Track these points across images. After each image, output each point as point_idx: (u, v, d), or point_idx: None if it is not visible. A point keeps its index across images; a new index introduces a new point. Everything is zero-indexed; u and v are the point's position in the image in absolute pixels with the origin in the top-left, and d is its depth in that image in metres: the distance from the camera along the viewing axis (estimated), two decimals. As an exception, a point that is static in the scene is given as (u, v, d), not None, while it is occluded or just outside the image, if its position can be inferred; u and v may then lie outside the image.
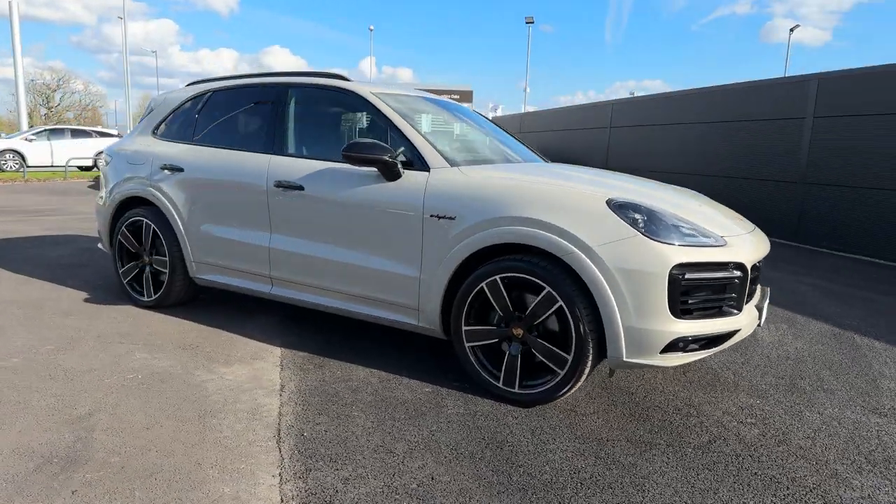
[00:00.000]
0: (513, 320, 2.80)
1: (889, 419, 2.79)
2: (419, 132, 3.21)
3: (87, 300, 4.27)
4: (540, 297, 2.69)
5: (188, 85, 4.40)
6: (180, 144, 4.02)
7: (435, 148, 3.15)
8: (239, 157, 3.69)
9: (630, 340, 2.54)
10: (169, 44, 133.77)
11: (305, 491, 2.07)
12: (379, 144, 3.05)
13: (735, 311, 2.68)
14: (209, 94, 4.07)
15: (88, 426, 2.45)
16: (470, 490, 2.11)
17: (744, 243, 2.78)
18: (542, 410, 2.76)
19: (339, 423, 2.56)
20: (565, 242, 2.61)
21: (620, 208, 2.64)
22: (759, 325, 2.93)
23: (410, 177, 3.07)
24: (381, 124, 3.35)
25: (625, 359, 2.57)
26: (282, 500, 2.02)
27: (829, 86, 7.76)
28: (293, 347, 3.46)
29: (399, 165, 3.07)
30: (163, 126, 4.23)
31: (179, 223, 3.86)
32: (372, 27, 69.22)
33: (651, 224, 2.60)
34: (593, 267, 2.55)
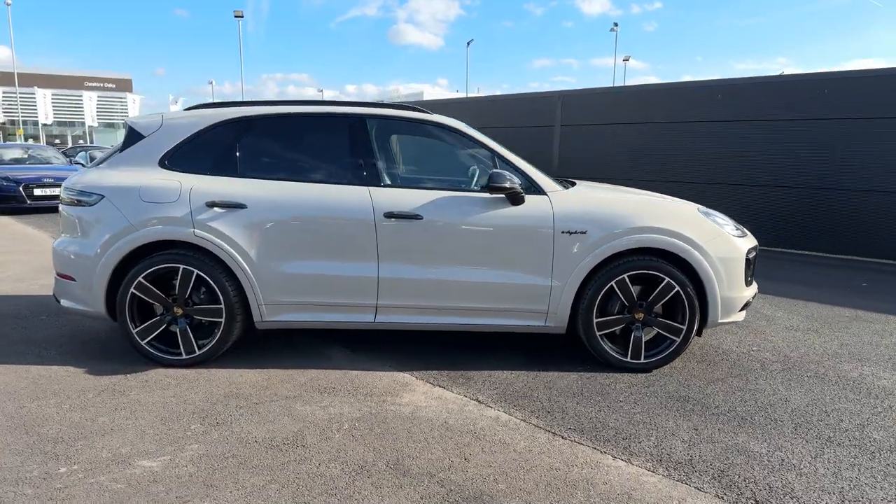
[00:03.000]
0: (635, 307, 3.62)
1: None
2: (525, 161, 3.71)
3: (113, 372, 3.45)
4: (661, 286, 3.56)
5: (191, 109, 3.83)
6: (227, 178, 3.57)
7: (543, 174, 3.70)
8: (325, 191, 3.55)
9: (724, 306, 3.63)
10: None
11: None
12: (509, 175, 3.47)
13: (754, 282, 3.98)
14: (244, 122, 3.68)
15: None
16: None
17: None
18: (638, 375, 3.67)
19: (609, 410, 3.03)
20: (682, 243, 3.54)
21: (707, 214, 3.69)
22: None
23: (533, 200, 3.57)
24: (485, 156, 3.72)
25: (720, 320, 3.65)
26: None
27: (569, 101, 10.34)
28: (416, 369, 3.60)
29: (523, 192, 3.54)
30: (176, 156, 3.63)
31: (245, 264, 3.48)
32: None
33: (725, 223, 3.72)
34: (702, 259, 3.55)
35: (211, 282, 3.50)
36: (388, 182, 3.64)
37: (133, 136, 3.71)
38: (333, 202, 3.53)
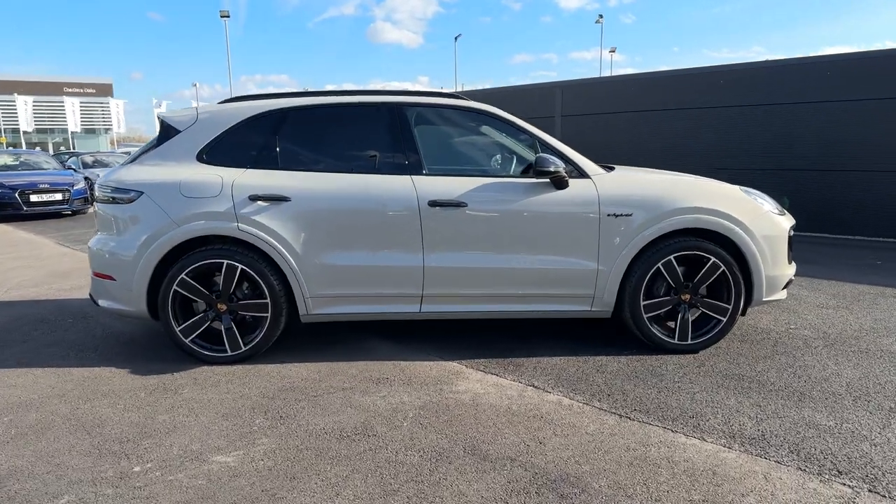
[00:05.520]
0: (681, 289, 3.62)
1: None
2: (566, 145, 3.69)
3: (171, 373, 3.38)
4: (707, 266, 3.57)
5: (224, 102, 3.76)
6: (268, 171, 3.51)
7: (585, 158, 3.69)
8: (368, 181, 3.51)
9: (768, 285, 3.64)
10: None
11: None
12: (554, 159, 3.46)
13: (794, 261, 3.98)
14: (282, 113, 3.62)
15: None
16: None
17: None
18: (686, 357, 3.68)
19: (675, 392, 3.02)
20: (728, 223, 3.54)
21: (749, 193, 3.71)
22: None
23: (576, 184, 3.56)
24: (526, 141, 3.70)
25: (764, 298, 3.67)
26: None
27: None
28: (464, 358, 3.58)
29: (567, 176, 3.53)
30: (214, 150, 3.56)
31: (290, 258, 3.44)
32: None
33: (765, 202, 3.74)
34: (747, 238, 3.56)
35: (256, 276, 3.45)
36: (431, 170, 3.61)
37: (168, 132, 3.64)
38: (377, 192, 3.50)
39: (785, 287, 3.78)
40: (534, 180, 3.53)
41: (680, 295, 3.63)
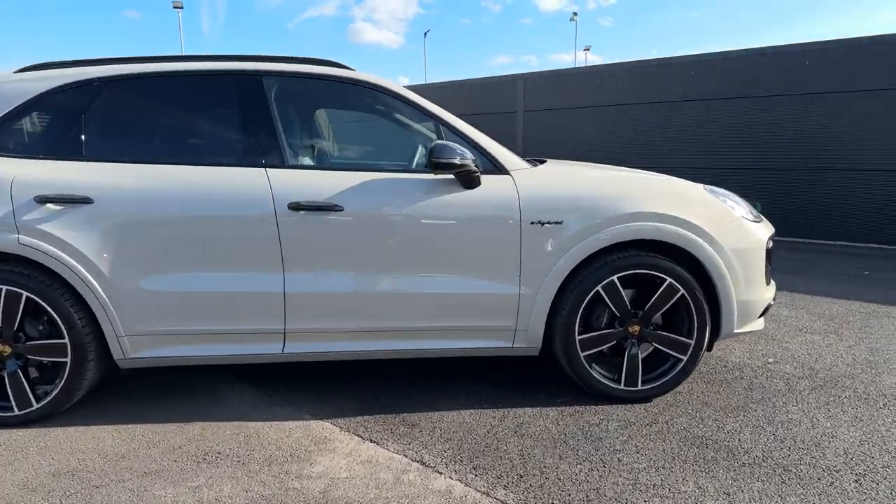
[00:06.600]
0: (628, 318, 2.76)
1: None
2: (482, 133, 2.80)
3: None
4: (661, 289, 2.71)
5: (22, 71, 2.80)
6: (68, 163, 2.57)
7: (505, 149, 2.80)
8: (205, 175, 2.58)
9: (741, 312, 2.80)
10: None
11: None
12: (458, 148, 2.57)
13: (772, 281, 3.15)
14: (92, 85, 2.67)
15: None
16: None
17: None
18: (635, 407, 2.82)
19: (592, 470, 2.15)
20: (688, 232, 2.68)
21: (715, 194, 2.86)
22: None
23: (491, 182, 2.67)
24: (429, 127, 2.81)
25: (735, 330, 2.82)
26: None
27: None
28: (342, 415, 2.67)
29: (479, 171, 2.64)
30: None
31: (94, 282, 2.49)
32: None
33: (736, 204, 2.89)
34: (713, 252, 2.71)
35: (48, 307, 2.50)
36: (295, 162, 2.70)
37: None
38: (216, 190, 2.57)
39: (762, 314, 2.95)
40: (433, 176, 2.64)
41: (627, 326, 2.77)
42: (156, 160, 2.62)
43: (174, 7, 31.57)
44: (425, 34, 60.85)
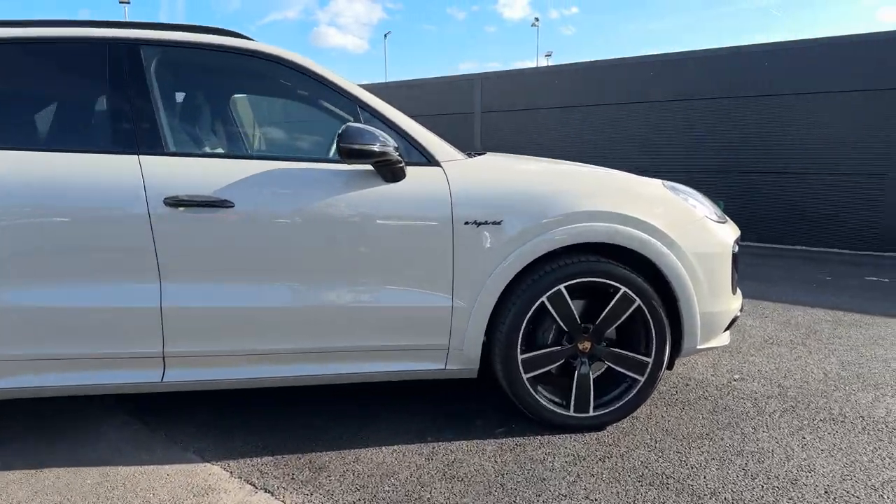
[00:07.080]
0: (578, 334, 2.38)
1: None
2: (409, 118, 2.38)
3: None
4: (615, 299, 2.34)
5: None
6: None
7: (436, 137, 2.39)
8: (61, 164, 2.09)
9: (705, 326, 2.45)
10: None
11: None
12: (377, 133, 2.14)
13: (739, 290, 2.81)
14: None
15: None
16: None
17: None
18: (587, 437, 2.45)
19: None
20: (644, 234, 2.32)
21: (676, 191, 2.51)
22: None
23: (419, 175, 2.26)
24: (347, 109, 2.37)
25: (698, 346, 2.48)
26: None
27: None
28: (235, 456, 2.21)
29: (403, 161, 2.22)
30: None
31: (-85, 297, 1.98)
32: None
33: (699, 203, 2.55)
34: (673, 257, 2.35)
35: None
36: (177, 149, 2.23)
37: None
38: (75, 181, 2.07)
39: (728, 328, 2.61)
40: (347, 167, 2.21)
41: (576, 343, 2.38)
42: (2, 144, 2.12)
43: (120, 2, 30.18)
44: (385, 35, 60.78)
